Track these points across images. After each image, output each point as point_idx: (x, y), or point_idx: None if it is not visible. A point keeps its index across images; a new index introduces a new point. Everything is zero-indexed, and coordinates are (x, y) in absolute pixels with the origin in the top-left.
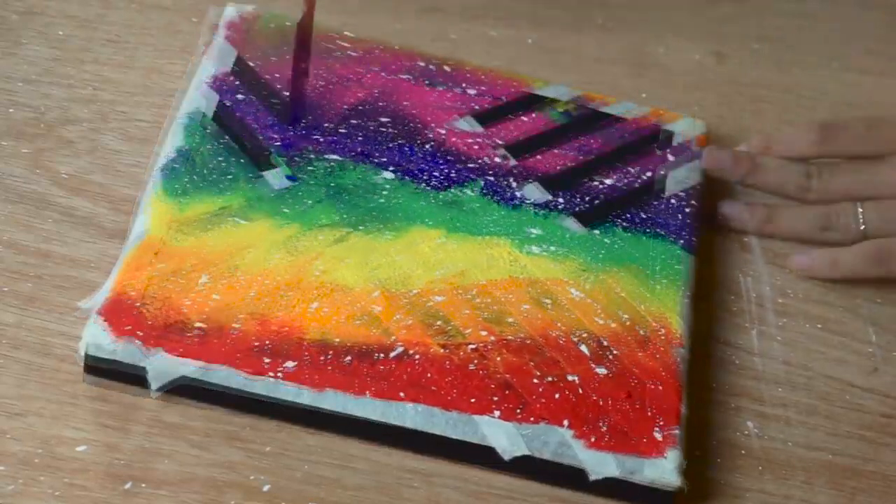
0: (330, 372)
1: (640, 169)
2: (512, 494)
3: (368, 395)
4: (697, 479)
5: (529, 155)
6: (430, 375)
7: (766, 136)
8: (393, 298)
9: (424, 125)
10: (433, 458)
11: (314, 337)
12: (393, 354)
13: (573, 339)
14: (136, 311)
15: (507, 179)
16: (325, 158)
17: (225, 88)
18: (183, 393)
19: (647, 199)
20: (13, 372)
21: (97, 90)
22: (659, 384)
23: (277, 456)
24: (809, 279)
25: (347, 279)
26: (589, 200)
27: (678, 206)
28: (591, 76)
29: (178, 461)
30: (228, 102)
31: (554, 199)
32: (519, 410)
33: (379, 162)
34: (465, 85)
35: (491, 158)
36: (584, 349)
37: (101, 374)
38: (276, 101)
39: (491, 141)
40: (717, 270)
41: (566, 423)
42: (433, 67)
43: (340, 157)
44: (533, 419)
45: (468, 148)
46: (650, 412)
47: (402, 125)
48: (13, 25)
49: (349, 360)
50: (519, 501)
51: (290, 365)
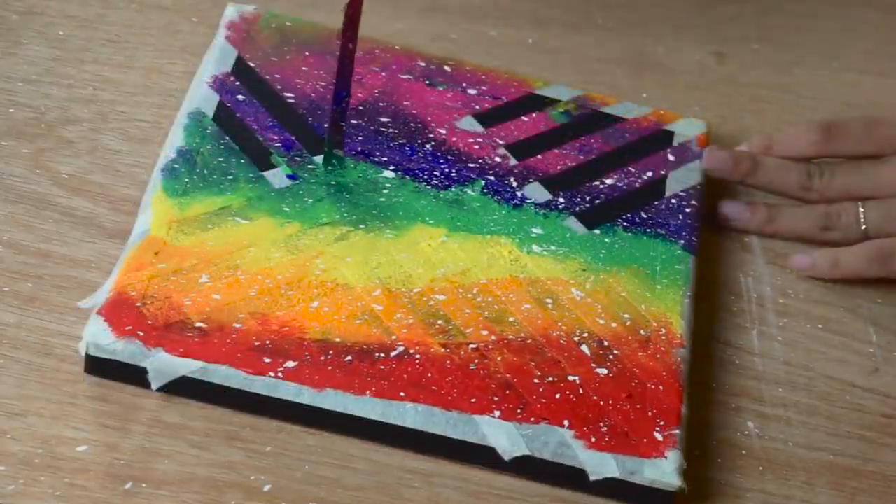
0: (330, 371)
1: (640, 169)
2: (512, 495)
3: (369, 394)
4: (698, 479)
5: (530, 155)
6: (430, 375)
7: (766, 135)
8: (394, 297)
9: (425, 125)
10: (433, 457)
11: (315, 336)
12: (394, 354)
13: (574, 339)
14: (136, 310)
15: (508, 179)
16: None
17: (225, 89)
18: (183, 392)
19: (647, 199)
20: (13, 372)
21: (97, 90)
22: (660, 385)
23: (278, 456)
24: (810, 279)
25: (348, 278)
26: (590, 200)
27: (679, 206)
28: (591, 76)
29: (178, 461)
30: (229, 103)
31: (555, 198)
32: (519, 410)
33: (380, 161)
34: (465, 85)
35: (492, 158)
36: (584, 349)
37: (101, 373)
38: (279, 105)
39: (492, 141)
40: (717, 271)
41: (566, 423)
42: (433, 67)
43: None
44: (533, 419)
45: (469, 148)
46: (651, 413)
47: (402, 125)
48: (13, 25)
49: (350, 359)
50: (519, 502)
51: (290, 364)
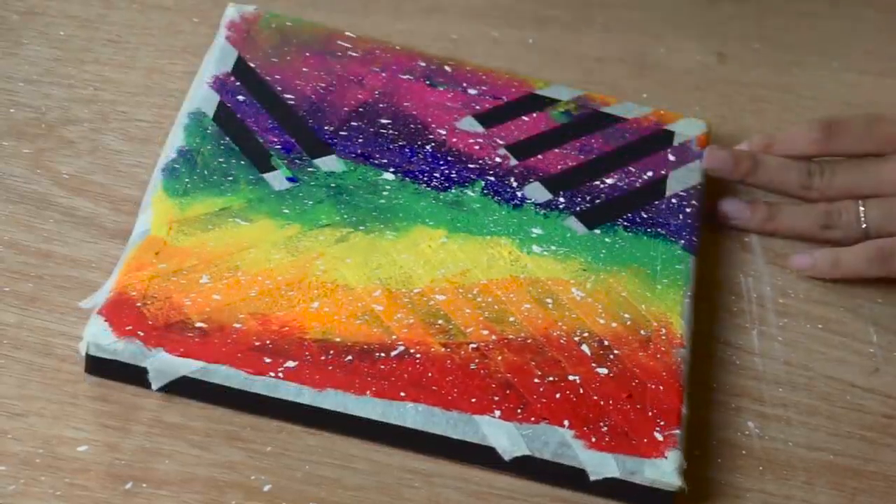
0: (331, 371)
1: (641, 169)
2: (513, 495)
3: (369, 394)
4: (698, 479)
5: (530, 155)
6: (430, 375)
7: (767, 135)
8: (394, 297)
9: (425, 126)
10: (434, 457)
11: (315, 336)
12: (394, 353)
13: (574, 338)
14: (137, 310)
15: (508, 179)
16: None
17: (226, 89)
18: (184, 392)
19: (648, 198)
20: (14, 372)
21: (98, 90)
22: (660, 385)
23: (278, 456)
24: (810, 279)
25: (349, 278)
26: (590, 200)
27: (679, 205)
28: (591, 76)
29: (178, 461)
30: (229, 103)
31: (555, 198)
32: (519, 410)
33: (380, 163)
34: (465, 85)
35: (492, 158)
36: (585, 349)
37: (101, 373)
38: (277, 104)
39: (492, 141)
40: (718, 270)
41: (567, 423)
42: (434, 67)
43: (341, 158)
44: (533, 419)
45: (469, 148)
46: (651, 413)
47: (402, 126)
48: (14, 25)
49: (350, 359)
50: (519, 502)
51: (290, 364)
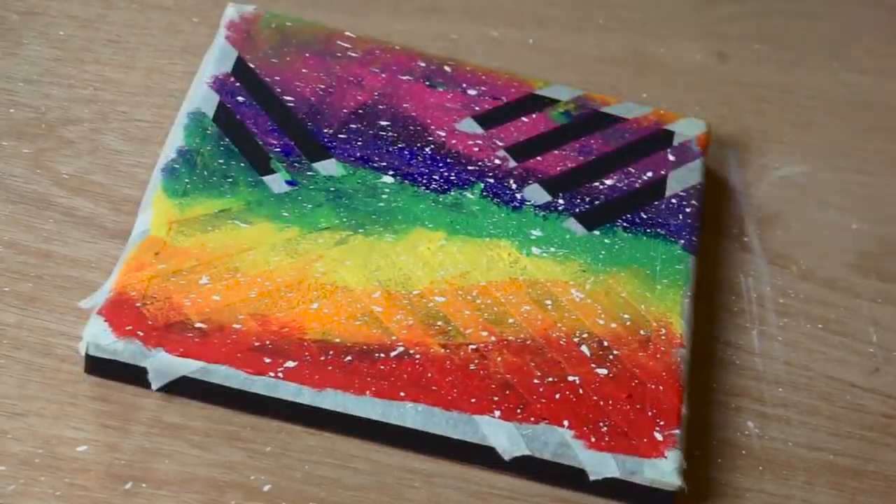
0: (330, 371)
1: (640, 169)
2: (513, 495)
3: (369, 394)
4: (698, 479)
5: (530, 157)
6: (430, 375)
7: None
8: (394, 299)
9: (424, 128)
10: (434, 457)
11: (315, 336)
12: (394, 354)
13: (574, 339)
14: (136, 310)
15: (507, 181)
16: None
17: (226, 89)
18: (183, 392)
19: (648, 199)
20: (14, 372)
21: (98, 90)
22: (659, 385)
23: (278, 456)
24: (810, 279)
25: (348, 280)
26: (590, 201)
27: (679, 206)
28: (591, 76)
29: (178, 461)
30: (229, 104)
31: (555, 200)
32: (519, 410)
33: (379, 166)
34: (465, 85)
35: (491, 160)
36: (584, 350)
37: (101, 373)
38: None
39: (491, 143)
40: (717, 271)
41: (566, 423)
42: (434, 68)
43: (340, 162)
44: (533, 419)
45: (468, 150)
46: (651, 413)
47: (402, 128)
48: (14, 25)
49: (350, 359)
50: (519, 502)
51: (290, 364)
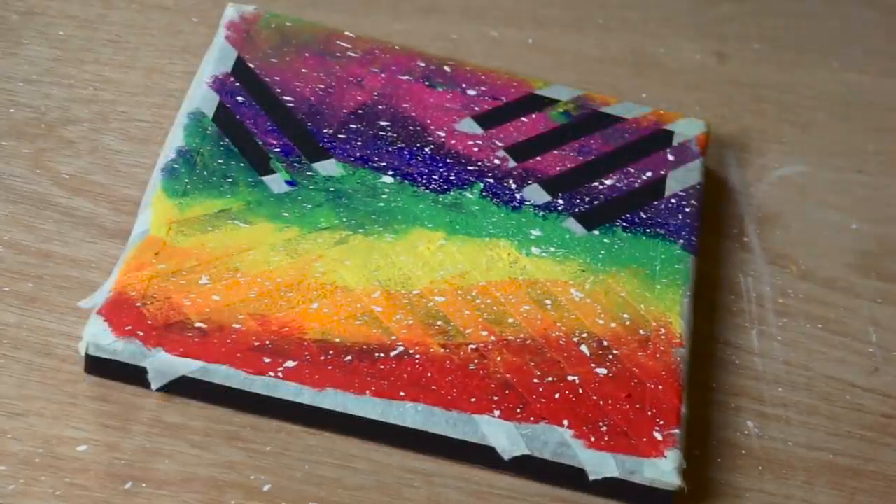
0: (330, 371)
1: (640, 169)
2: (513, 494)
3: (368, 394)
4: (697, 479)
5: (529, 157)
6: (430, 375)
7: None
8: (394, 299)
9: (424, 128)
10: (434, 457)
11: (315, 336)
12: (393, 354)
13: (574, 339)
14: (136, 310)
15: (507, 181)
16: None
17: (225, 89)
18: (183, 392)
19: (647, 199)
20: (14, 372)
21: (98, 90)
22: (659, 385)
23: (278, 456)
24: (810, 279)
25: (348, 280)
26: (589, 201)
27: (678, 205)
28: (591, 76)
29: (178, 461)
30: (229, 104)
31: (554, 200)
32: (519, 410)
33: (378, 166)
34: (464, 85)
35: (491, 160)
36: (584, 350)
37: (101, 373)
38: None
39: (491, 143)
40: (717, 270)
41: (566, 423)
42: (433, 68)
43: (340, 162)
44: (533, 419)
45: (468, 150)
46: (650, 412)
47: (401, 128)
48: (14, 25)
49: (349, 359)
50: (519, 501)
51: (290, 364)
